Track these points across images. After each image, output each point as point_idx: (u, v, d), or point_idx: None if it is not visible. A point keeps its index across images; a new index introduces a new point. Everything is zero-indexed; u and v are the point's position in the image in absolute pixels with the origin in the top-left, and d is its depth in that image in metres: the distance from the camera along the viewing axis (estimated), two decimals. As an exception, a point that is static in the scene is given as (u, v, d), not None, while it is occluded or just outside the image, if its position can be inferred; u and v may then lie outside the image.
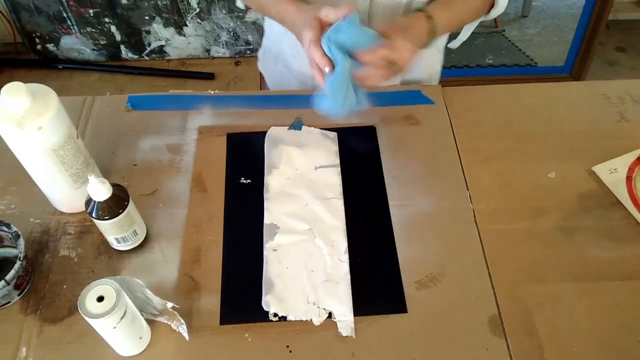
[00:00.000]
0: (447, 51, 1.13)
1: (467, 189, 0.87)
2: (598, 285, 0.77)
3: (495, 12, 0.96)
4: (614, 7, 2.21)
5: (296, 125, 0.95)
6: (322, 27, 0.74)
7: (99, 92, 1.01)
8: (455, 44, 1.06)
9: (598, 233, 0.83)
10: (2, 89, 0.66)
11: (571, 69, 2.36)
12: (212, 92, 1.02)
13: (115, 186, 0.71)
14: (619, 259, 0.80)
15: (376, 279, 0.77)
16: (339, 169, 0.90)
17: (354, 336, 0.71)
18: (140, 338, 0.68)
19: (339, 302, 0.74)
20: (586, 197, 0.87)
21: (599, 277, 0.78)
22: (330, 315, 0.73)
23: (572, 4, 2.31)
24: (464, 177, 0.89)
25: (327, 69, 0.73)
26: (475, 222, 0.83)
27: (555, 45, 2.39)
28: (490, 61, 2.37)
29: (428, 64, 1.12)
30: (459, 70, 2.34)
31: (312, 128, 0.96)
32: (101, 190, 0.68)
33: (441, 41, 1.10)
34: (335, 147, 0.93)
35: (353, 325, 0.72)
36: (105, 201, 0.69)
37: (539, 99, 1.03)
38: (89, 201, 0.70)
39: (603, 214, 0.85)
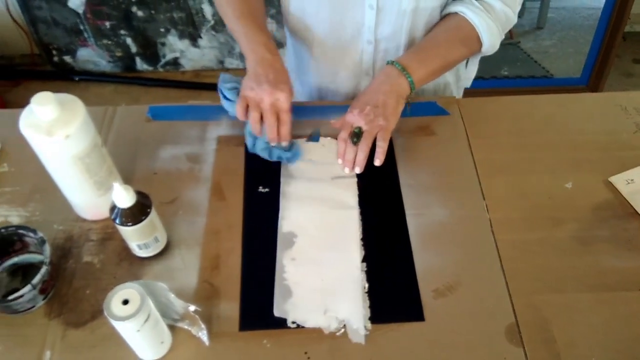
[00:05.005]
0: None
1: (484, 199, 0.88)
2: (615, 295, 0.77)
3: (485, 49, 0.99)
4: (630, 19, 2.21)
5: (314, 137, 0.96)
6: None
7: (114, 103, 1.03)
8: (467, 83, 1.08)
9: (615, 243, 0.83)
10: (32, 98, 0.67)
11: (588, 81, 2.36)
12: (230, 102, 1.04)
13: (139, 193, 0.73)
14: (636, 269, 0.80)
15: (393, 288, 0.78)
16: (356, 179, 0.91)
17: (363, 343, 0.72)
18: (162, 342, 0.69)
19: (355, 311, 0.75)
20: (603, 208, 0.87)
21: (616, 287, 0.78)
22: (345, 324, 0.74)
23: (588, 15, 2.32)
24: (480, 187, 0.90)
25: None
26: (492, 232, 0.84)
27: (571, 57, 2.39)
28: (506, 73, 2.38)
29: None
30: (474, 81, 2.33)
31: (329, 139, 0.97)
32: (125, 197, 0.70)
33: None
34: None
35: (364, 334, 0.73)
36: (129, 208, 0.71)
37: (555, 110, 1.04)
38: (113, 208, 0.72)
39: (620, 225, 0.85)
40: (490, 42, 0.96)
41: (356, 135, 0.88)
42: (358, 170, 0.88)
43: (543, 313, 0.75)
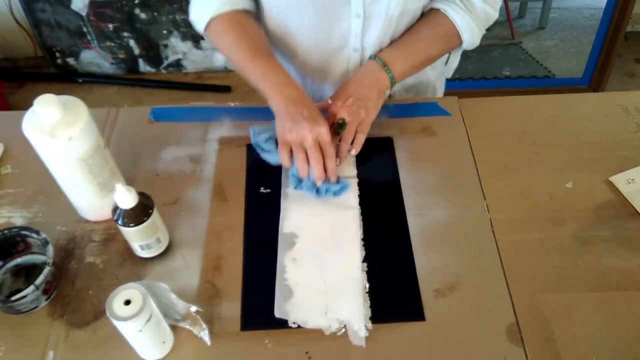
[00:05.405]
0: (462, 63, 1.15)
1: (485, 199, 0.88)
2: (615, 294, 0.77)
3: (465, 47, 1.00)
4: (632, 19, 2.21)
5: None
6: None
7: (118, 105, 1.04)
8: (448, 74, 1.08)
9: (615, 243, 0.83)
10: (35, 100, 0.68)
11: (590, 81, 2.36)
12: (232, 104, 1.04)
13: (141, 194, 0.73)
14: (637, 268, 0.80)
15: (394, 288, 0.78)
16: (356, 180, 0.92)
17: (363, 346, 0.72)
18: (164, 342, 0.69)
19: (355, 312, 0.75)
20: (603, 208, 0.88)
21: (616, 286, 0.78)
22: (346, 325, 0.74)
23: (590, 15, 2.32)
24: (481, 187, 0.90)
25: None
26: (493, 232, 0.84)
27: (573, 57, 2.40)
28: (508, 73, 2.38)
29: None
30: (476, 82, 2.36)
31: (330, 139, 0.97)
32: (128, 198, 0.70)
33: None
34: (352, 159, 0.94)
35: (364, 335, 0.73)
36: (132, 209, 0.71)
37: (556, 110, 1.04)
38: (115, 209, 0.73)
39: (620, 224, 0.85)
40: (471, 39, 0.98)
41: (340, 127, 0.90)
42: (338, 161, 0.90)
43: (544, 313, 0.75)
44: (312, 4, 0.92)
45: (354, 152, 0.91)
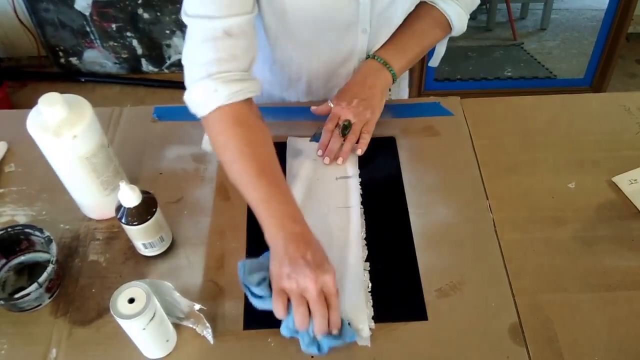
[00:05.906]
0: (464, 64, 1.15)
1: (487, 199, 0.88)
2: (618, 294, 0.77)
3: (454, 33, 1.02)
4: (633, 20, 2.21)
5: (317, 137, 0.97)
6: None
7: (120, 104, 1.04)
8: (435, 62, 1.09)
9: (618, 243, 0.83)
10: (40, 99, 0.68)
11: (591, 82, 2.36)
12: (235, 103, 1.04)
13: (145, 193, 0.74)
14: (639, 268, 0.80)
15: (397, 287, 0.78)
16: (359, 179, 0.92)
17: (369, 345, 0.72)
18: (167, 341, 0.69)
19: (358, 312, 0.75)
20: (606, 208, 0.88)
21: (619, 286, 0.78)
22: (349, 324, 0.74)
23: (592, 16, 2.32)
24: (484, 186, 0.90)
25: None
26: (495, 232, 0.84)
27: (575, 58, 2.40)
28: (509, 74, 2.38)
29: None
30: (478, 82, 2.36)
31: (333, 139, 0.97)
32: (131, 197, 0.71)
33: None
34: (355, 158, 0.95)
35: (368, 335, 0.73)
36: (135, 207, 0.72)
37: (558, 110, 1.04)
38: (119, 207, 0.73)
39: (623, 224, 0.85)
40: (460, 26, 1.00)
41: (346, 128, 0.92)
42: (341, 161, 0.92)
43: (546, 312, 0.75)
44: (322, 32, 0.92)
45: (360, 152, 0.93)
